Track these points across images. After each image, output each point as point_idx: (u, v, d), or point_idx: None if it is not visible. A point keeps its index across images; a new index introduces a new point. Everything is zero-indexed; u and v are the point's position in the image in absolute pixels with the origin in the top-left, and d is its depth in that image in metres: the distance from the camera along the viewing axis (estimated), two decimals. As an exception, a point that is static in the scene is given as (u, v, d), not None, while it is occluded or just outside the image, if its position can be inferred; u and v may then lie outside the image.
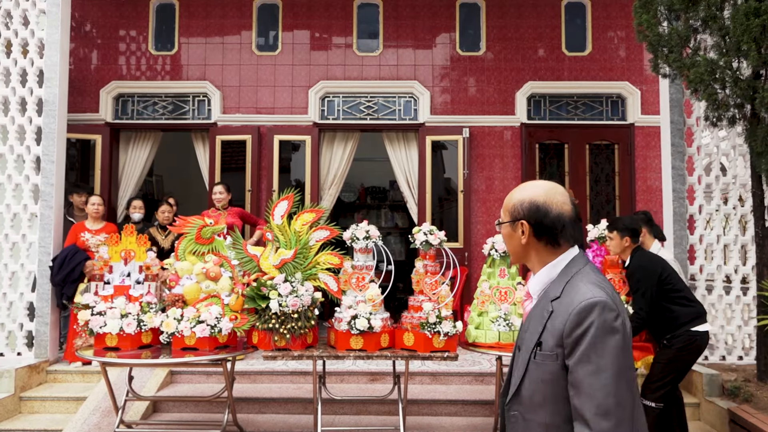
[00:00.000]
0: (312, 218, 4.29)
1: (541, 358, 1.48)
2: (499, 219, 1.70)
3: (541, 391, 1.48)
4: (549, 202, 1.57)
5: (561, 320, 1.46)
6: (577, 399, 1.40)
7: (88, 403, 4.75)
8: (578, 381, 1.40)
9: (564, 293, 1.51)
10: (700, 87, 4.58)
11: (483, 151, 7.46)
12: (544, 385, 1.48)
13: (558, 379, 1.45)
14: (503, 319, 4.08)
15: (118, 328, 3.97)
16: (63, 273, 5.33)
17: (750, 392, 4.57)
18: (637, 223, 4.27)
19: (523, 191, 1.62)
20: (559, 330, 1.45)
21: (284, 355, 3.88)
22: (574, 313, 1.44)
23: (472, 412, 4.87)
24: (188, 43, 7.59)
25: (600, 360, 1.39)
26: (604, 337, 1.41)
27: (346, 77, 7.55)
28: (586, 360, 1.40)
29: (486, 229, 7.33)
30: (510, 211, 1.63)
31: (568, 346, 1.43)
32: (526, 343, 1.56)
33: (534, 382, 1.50)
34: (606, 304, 1.43)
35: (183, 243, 4.27)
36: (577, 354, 1.41)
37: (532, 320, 1.57)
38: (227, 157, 7.49)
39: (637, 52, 7.44)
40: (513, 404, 1.56)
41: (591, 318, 1.42)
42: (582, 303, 1.44)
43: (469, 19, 7.62)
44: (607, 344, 1.40)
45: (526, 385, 1.52)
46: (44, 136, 5.55)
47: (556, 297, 1.52)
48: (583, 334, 1.41)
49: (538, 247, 1.59)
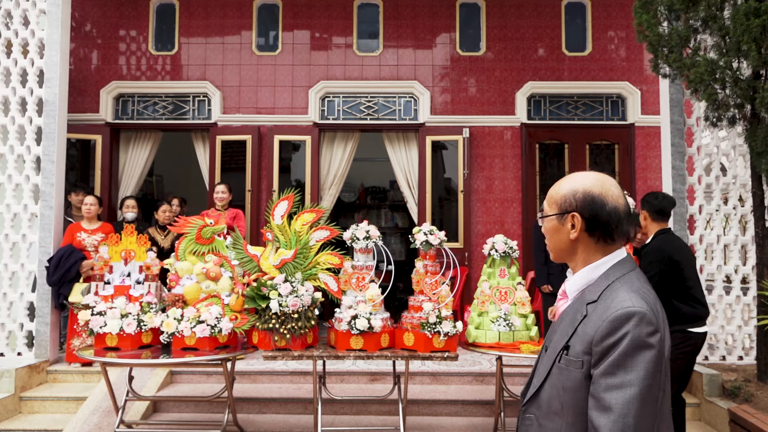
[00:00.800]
0: (312, 218, 4.29)
1: (565, 362, 1.39)
2: (541, 212, 1.56)
3: (560, 399, 1.39)
4: (605, 194, 1.44)
5: (593, 326, 1.35)
6: (595, 411, 1.30)
7: (88, 403, 4.75)
8: (599, 393, 1.30)
9: (601, 298, 1.40)
10: (700, 87, 4.58)
11: (483, 151, 7.46)
12: (564, 392, 1.38)
13: (580, 388, 1.35)
14: (503, 319, 4.08)
15: (118, 328, 3.97)
16: (59, 273, 5.32)
17: (750, 392, 4.57)
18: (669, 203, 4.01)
19: (574, 181, 1.49)
20: (590, 336, 1.35)
21: (284, 355, 3.88)
22: (607, 321, 1.33)
23: (472, 412, 4.88)
24: (188, 43, 7.59)
25: (626, 375, 1.28)
26: (636, 351, 1.29)
27: (347, 77, 7.55)
28: (611, 372, 1.29)
29: (486, 229, 7.33)
30: (558, 202, 1.48)
31: (596, 355, 1.33)
32: (553, 345, 1.47)
33: (554, 388, 1.41)
34: (644, 316, 1.31)
35: (183, 243, 4.27)
36: (603, 364, 1.31)
37: (563, 322, 1.48)
38: (227, 157, 7.49)
39: (637, 52, 7.44)
40: (530, 407, 1.48)
41: (625, 329, 1.30)
42: (618, 311, 1.33)
43: (469, 19, 7.62)
44: (637, 359, 1.29)
45: (546, 389, 1.44)
46: (44, 136, 5.55)
47: (592, 300, 1.41)
48: (614, 345, 1.30)
49: (587, 244, 1.47)
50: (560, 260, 1.56)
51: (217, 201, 6.32)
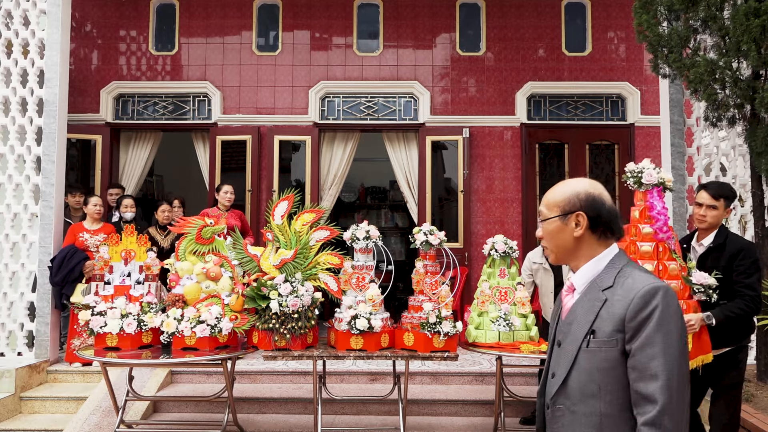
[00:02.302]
0: (312, 218, 4.29)
1: (596, 345, 1.50)
2: (541, 216, 1.67)
3: (596, 380, 1.49)
4: (602, 195, 1.61)
5: (621, 305, 1.48)
6: (641, 382, 1.42)
7: (88, 403, 4.76)
8: (643, 363, 1.43)
9: (617, 283, 1.53)
10: (700, 87, 4.58)
11: (483, 151, 7.47)
12: (600, 373, 1.48)
13: (616, 365, 1.47)
14: (503, 319, 4.08)
15: (118, 328, 3.97)
16: (62, 273, 5.33)
17: (750, 392, 4.57)
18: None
19: (572, 185, 1.64)
20: (620, 315, 1.47)
21: (284, 355, 3.88)
22: (638, 297, 1.46)
23: (472, 412, 4.88)
24: (188, 44, 7.60)
25: (664, 342, 1.42)
26: (669, 319, 1.44)
27: (347, 77, 7.56)
28: (651, 342, 1.42)
29: (486, 229, 7.33)
30: (561, 204, 1.61)
31: (631, 330, 1.45)
32: (571, 336, 1.56)
33: (586, 372, 1.50)
34: (668, 289, 1.48)
35: (183, 243, 4.27)
36: (641, 337, 1.44)
37: (578, 312, 1.58)
38: (227, 157, 7.50)
39: (637, 52, 7.45)
40: (558, 398, 1.56)
41: (655, 301, 1.45)
42: (646, 287, 1.47)
43: (469, 20, 7.62)
44: (670, 326, 1.44)
45: (575, 376, 1.53)
46: (45, 137, 5.55)
47: (608, 286, 1.54)
48: (648, 317, 1.44)
49: (590, 241, 1.60)
50: (561, 261, 1.67)
51: (226, 202, 6.28)
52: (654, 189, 3.54)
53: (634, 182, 3.57)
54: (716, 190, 3.54)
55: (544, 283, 4.69)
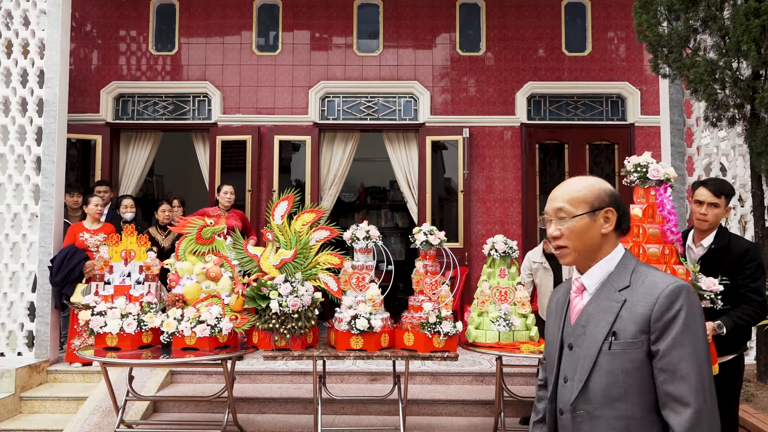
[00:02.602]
0: (312, 218, 4.29)
1: (619, 347, 1.45)
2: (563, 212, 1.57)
3: (621, 383, 1.45)
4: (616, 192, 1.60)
5: (645, 306, 1.45)
6: (672, 383, 1.40)
7: (88, 403, 4.76)
8: (673, 364, 1.40)
9: (634, 282, 1.50)
10: (700, 87, 4.58)
11: (483, 151, 7.47)
12: (625, 375, 1.44)
13: (641, 366, 1.44)
14: (503, 319, 4.08)
15: (118, 328, 3.97)
16: (62, 273, 5.33)
17: (750, 392, 4.57)
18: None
19: (591, 180, 1.59)
20: (644, 316, 1.44)
21: (284, 355, 3.88)
22: (663, 296, 1.43)
23: (472, 412, 4.88)
24: (188, 44, 7.60)
25: (692, 341, 1.40)
26: (695, 320, 1.42)
27: (347, 77, 7.56)
28: (680, 343, 1.40)
29: (486, 229, 7.33)
30: (590, 200, 1.55)
31: (657, 330, 1.43)
32: (588, 338, 1.51)
33: (610, 375, 1.46)
34: (690, 289, 1.45)
35: (183, 243, 4.27)
36: (669, 337, 1.41)
37: (593, 314, 1.53)
38: (227, 157, 7.50)
39: (637, 52, 7.45)
40: (579, 403, 1.50)
41: (681, 301, 1.42)
42: (669, 287, 1.44)
43: (469, 20, 7.62)
44: (697, 326, 1.42)
45: (596, 380, 1.48)
46: (45, 137, 5.55)
47: (624, 286, 1.50)
48: (675, 317, 1.41)
49: (611, 238, 1.57)
50: (579, 262, 1.59)
51: (226, 202, 6.28)
52: (661, 186, 3.25)
53: (638, 177, 3.28)
54: (717, 186, 3.30)
55: (543, 282, 4.69)
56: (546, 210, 1.63)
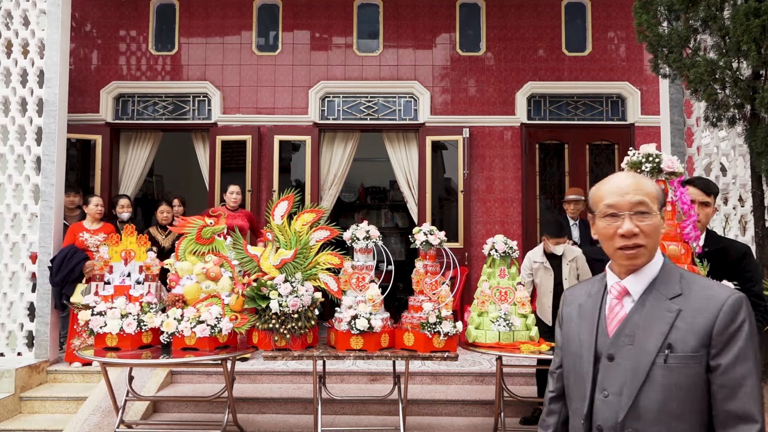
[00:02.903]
0: (312, 218, 4.29)
1: (677, 361, 1.35)
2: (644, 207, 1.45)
3: (677, 399, 1.35)
4: None
5: (705, 317, 1.35)
6: (734, 400, 1.32)
7: (88, 403, 4.76)
8: (736, 380, 1.32)
9: (686, 290, 1.40)
10: (700, 87, 4.58)
11: (483, 151, 7.47)
12: (681, 391, 1.34)
13: (699, 382, 1.35)
14: (503, 319, 4.08)
15: (118, 328, 3.97)
16: (62, 273, 5.33)
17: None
18: None
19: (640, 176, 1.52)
20: (704, 328, 1.35)
21: (284, 355, 3.88)
22: (726, 308, 1.35)
23: (472, 412, 4.88)
24: (188, 44, 7.60)
25: (754, 356, 1.34)
26: (754, 332, 1.36)
27: (347, 77, 7.55)
28: (744, 357, 1.32)
29: (486, 229, 7.33)
30: (659, 197, 1.46)
31: (720, 344, 1.34)
32: (637, 350, 1.40)
33: (665, 390, 1.35)
34: (747, 300, 1.38)
35: (183, 243, 4.27)
36: (732, 351, 1.33)
37: (641, 323, 1.42)
38: (227, 157, 7.49)
39: (637, 52, 7.45)
40: (627, 420, 1.38)
41: (743, 313, 1.35)
42: (731, 298, 1.36)
43: (469, 20, 7.62)
44: (755, 340, 1.36)
45: (649, 395, 1.36)
46: (44, 137, 5.55)
47: (675, 295, 1.40)
48: (738, 330, 1.34)
49: None
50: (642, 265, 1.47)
51: (232, 202, 6.26)
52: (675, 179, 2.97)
53: (651, 169, 3.02)
54: (705, 185, 3.21)
55: (543, 282, 4.69)
56: (615, 203, 1.47)
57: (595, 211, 1.53)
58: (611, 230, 1.46)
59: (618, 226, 1.45)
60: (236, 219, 6.07)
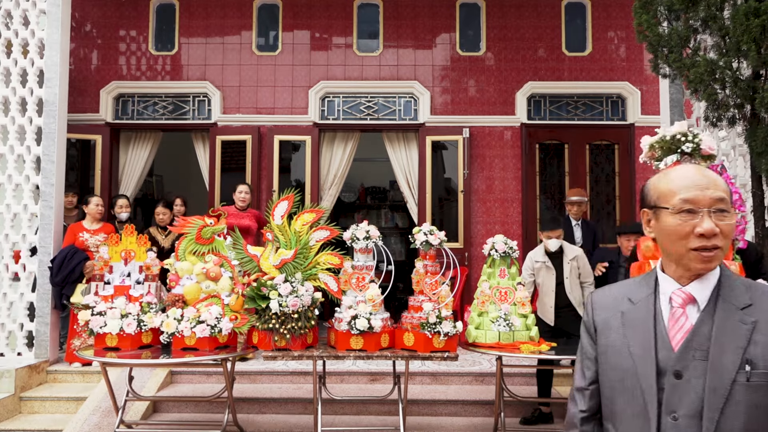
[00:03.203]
0: (312, 218, 4.29)
1: (759, 378, 1.22)
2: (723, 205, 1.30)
3: (757, 421, 1.22)
4: None
5: None
6: None
7: (88, 403, 4.75)
8: None
9: (755, 299, 1.28)
10: (700, 87, 4.58)
11: (483, 151, 7.47)
12: (759, 411, 1.22)
13: None
14: (503, 320, 4.08)
15: (118, 328, 3.97)
16: (63, 273, 5.33)
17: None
18: None
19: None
20: None
21: (284, 355, 3.88)
22: None
23: (472, 412, 4.88)
24: (188, 44, 7.60)
25: None
26: None
27: (346, 77, 7.55)
28: None
29: (486, 229, 7.33)
30: (731, 195, 1.32)
31: None
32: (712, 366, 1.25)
33: (748, 411, 1.22)
34: None
35: (183, 243, 4.27)
36: None
37: (714, 336, 1.27)
38: (227, 157, 7.49)
39: (637, 52, 7.45)
40: None
41: None
42: None
43: (469, 20, 7.62)
44: None
45: (732, 417, 1.22)
46: (44, 136, 5.55)
47: (746, 305, 1.27)
48: None
49: None
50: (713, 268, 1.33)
51: (240, 202, 6.20)
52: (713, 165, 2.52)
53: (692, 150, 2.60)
54: None
55: (545, 282, 4.69)
56: (695, 198, 1.30)
57: (663, 205, 1.33)
58: (687, 228, 1.28)
59: (695, 224, 1.28)
60: (244, 219, 6.00)
